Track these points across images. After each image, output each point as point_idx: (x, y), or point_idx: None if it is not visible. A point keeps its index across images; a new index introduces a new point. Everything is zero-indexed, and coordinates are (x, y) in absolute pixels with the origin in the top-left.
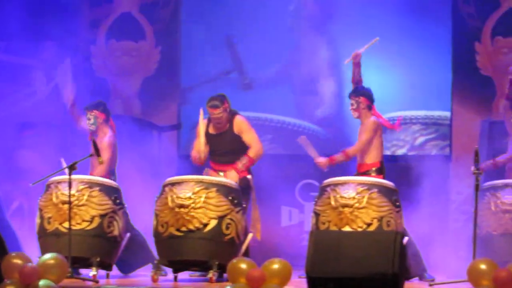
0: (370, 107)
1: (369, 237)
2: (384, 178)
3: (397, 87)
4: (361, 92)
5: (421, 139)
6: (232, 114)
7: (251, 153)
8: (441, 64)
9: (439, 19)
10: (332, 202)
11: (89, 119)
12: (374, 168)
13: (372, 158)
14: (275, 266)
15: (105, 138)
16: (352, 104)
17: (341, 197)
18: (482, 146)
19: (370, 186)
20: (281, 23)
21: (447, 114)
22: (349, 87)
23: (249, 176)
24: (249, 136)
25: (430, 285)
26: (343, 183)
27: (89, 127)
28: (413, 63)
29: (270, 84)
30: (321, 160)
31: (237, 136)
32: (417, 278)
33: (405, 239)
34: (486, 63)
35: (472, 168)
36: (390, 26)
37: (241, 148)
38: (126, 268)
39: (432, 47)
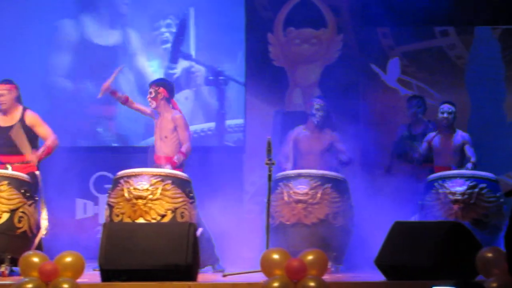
0: (169, 100)
1: (163, 229)
2: (182, 170)
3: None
4: (162, 83)
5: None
6: (24, 108)
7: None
8: (234, 55)
9: (232, 10)
10: (126, 194)
11: None
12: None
13: (173, 151)
14: (68, 259)
15: None
16: (150, 93)
17: (135, 189)
18: (275, 137)
19: (164, 178)
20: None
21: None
22: None
23: (37, 172)
24: (43, 130)
25: (224, 275)
26: (136, 175)
27: None
28: (206, 53)
29: None
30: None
31: (29, 128)
32: (210, 268)
33: (199, 230)
34: (279, 54)
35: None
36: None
37: (32, 141)
38: None
39: (225, 38)
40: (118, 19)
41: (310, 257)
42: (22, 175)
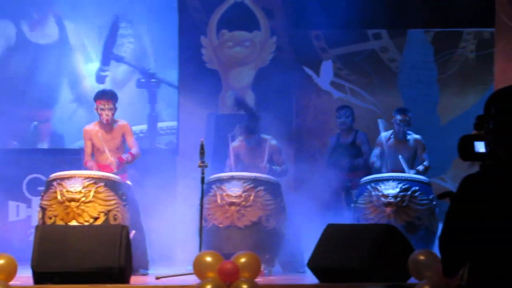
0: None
1: (96, 231)
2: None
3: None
4: (116, 96)
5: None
6: None
7: None
8: (167, 58)
9: (165, 13)
10: (59, 197)
11: None
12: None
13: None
14: (0, 261)
15: None
16: (111, 109)
17: (68, 191)
18: (208, 139)
19: (97, 180)
20: None
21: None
22: None
23: None
24: None
25: (157, 278)
26: (69, 177)
27: None
28: (138, 56)
29: None
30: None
31: None
32: (142, 271)
33: (132, 232)
34: (212, 57)
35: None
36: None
37: None
38: None
39: (158, 40)
40: (56, 17)
41: (243, 260)
42: None
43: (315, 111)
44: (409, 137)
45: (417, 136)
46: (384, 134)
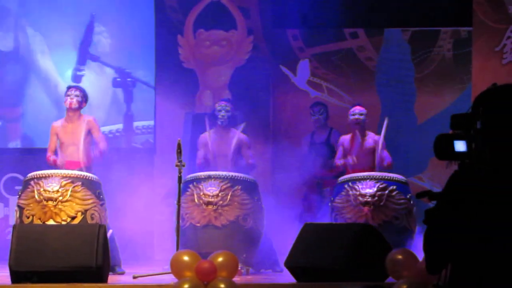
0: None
1: (73, 230)
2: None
3: (101, 84)
4: (85, 90)
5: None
6: None
7: None
8: (144, 57)
9: (141, 12)
10: (36, 196)
11: None
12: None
13: (86, 155)
14: None
15: None
16: (77, 96)
17: (45, 190)
18: (185, 139)
19: (74, 179)
20: None
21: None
22: None
23: None
24: None
25: (134, 277)
26: (46, 177)
27: None
28: (115, 55)
29: None
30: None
31: None
32: (119, 270)
33: (109, 232)
34: (189, 56)
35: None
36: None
37: None
38: None
39: (135, 39)
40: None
41: (220, 259)
42: None
43: (292, 110)
44: (368, 136)
45: (376, 136)
46: (345, 136)
